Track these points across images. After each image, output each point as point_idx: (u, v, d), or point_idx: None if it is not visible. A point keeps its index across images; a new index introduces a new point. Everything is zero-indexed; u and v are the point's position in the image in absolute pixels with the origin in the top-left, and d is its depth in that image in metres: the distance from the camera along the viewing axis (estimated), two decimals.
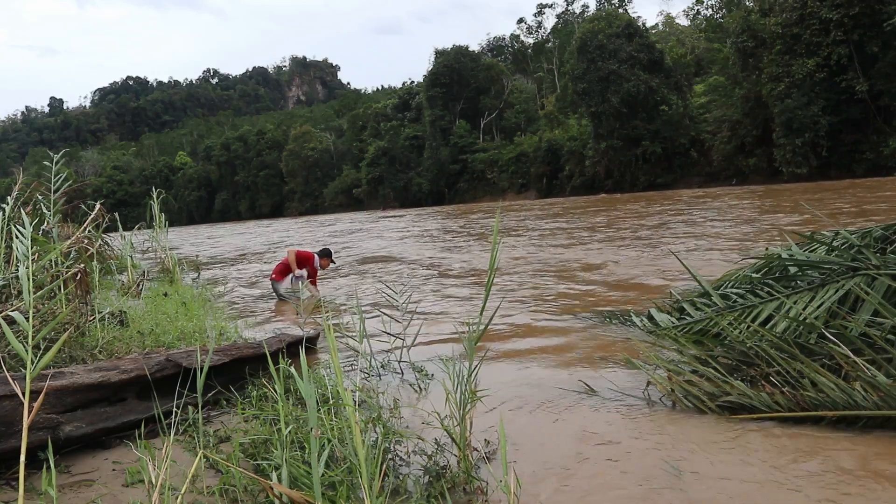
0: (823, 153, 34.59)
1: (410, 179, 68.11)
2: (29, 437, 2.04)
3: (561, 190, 52.61)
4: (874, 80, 33.33)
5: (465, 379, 2.60)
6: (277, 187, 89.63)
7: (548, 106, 62.08)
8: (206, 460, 2.67)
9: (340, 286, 9.27)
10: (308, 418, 2.07)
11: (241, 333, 5.37)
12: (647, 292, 6.56)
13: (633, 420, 3.10)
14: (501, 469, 2.16)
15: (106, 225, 7.53)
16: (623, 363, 3.92)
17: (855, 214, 13.61)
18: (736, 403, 3.01)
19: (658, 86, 46.11)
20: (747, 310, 3.77)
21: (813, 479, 2.37)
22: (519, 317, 5.93)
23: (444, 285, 8.61)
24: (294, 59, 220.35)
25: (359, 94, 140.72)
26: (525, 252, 11.78)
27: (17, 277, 3.98)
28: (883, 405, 2.65)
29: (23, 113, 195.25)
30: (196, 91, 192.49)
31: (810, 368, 2.92)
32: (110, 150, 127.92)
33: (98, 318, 4.62)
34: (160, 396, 3.10)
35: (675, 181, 44.78)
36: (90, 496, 2.42)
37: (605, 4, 65.98)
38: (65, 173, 6.04)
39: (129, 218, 13.73)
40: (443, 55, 67.37)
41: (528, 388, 3.75)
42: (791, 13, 35.18)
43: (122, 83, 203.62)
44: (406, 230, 23.40)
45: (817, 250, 4.10)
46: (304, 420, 2.76)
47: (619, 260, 9.57)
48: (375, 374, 4.17)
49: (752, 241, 10.46)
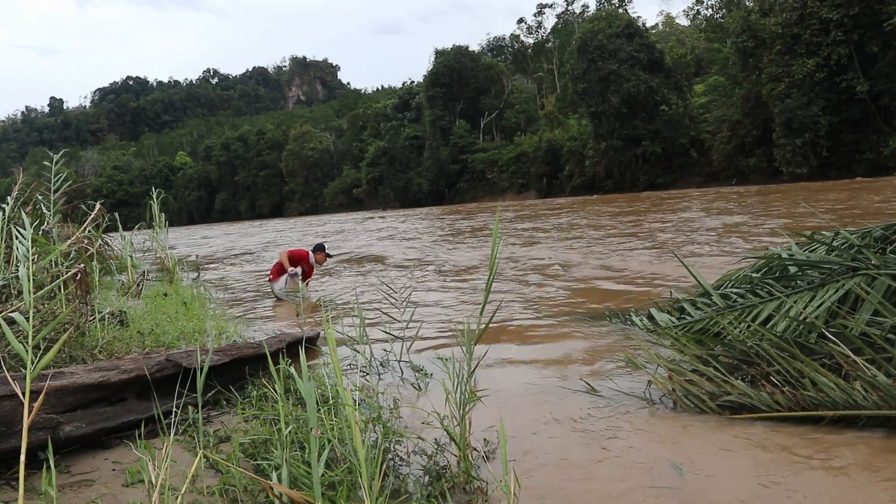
0: (823, 153, 34.59)
1: (410, 179, 68.08)
2: (29, 437, 2.04)
3: (561, 190, 52.60)
4: (874, 80, 33.32)
5: (465, 379, 2.60)
6: (277, 187, 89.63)
7: (548, 106, 62.06)
8: (206, 460, 2.66)
9: (340, 286, 9.26)
10: (308, 418, 2.06)
11: (240, 333, 5.37)
12: (646, 292, 6.56)
13: (633, 419, 3.10)
14: (501, 469, 2.16)
15: (106, 225, 7.52)
16: (623, 363, 3.92)
17: (855, 214, 13.61)
18: (736, 403, 3.01)
19: (658, 86, 46.09)
20: (747, 310, 3.77)
21: (813, 479, 2.37)
22: (518, 317, 5.93)
23: (432, 285, 8.61)
24: (294, 59, 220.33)
25: (359, 94, 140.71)
26: (524, 252, 11.78)
27: (17, 278, 3.98)
28: (883, 405, 2.65)
29: (23, 113, 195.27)
30: (196, 91, 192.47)
31: (810, 368, 2.92)
32: (110, 150, 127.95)
33: (98, 318, 4.62)
34: (160, 396, 3.10)
35: (675, 181, 44.77)
36: (90, 496, 2.42)
37: (605, 4, 65.96)
38: (65, 173, 6.04)
39: (129, 218, 13.74)
40: (443, 55, 67.34)
41: (528, 387, 3.75)
42: (791, 13, 35.18)
43: (122, 83, 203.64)
44: (392, 229, 23.40)
45: (817, 250, 4.10)
46: (304, 420, 2.76)
47: (618, 260, 9.57)
48: (375, 374, 4.17)
49: (752, 240, 10.46)
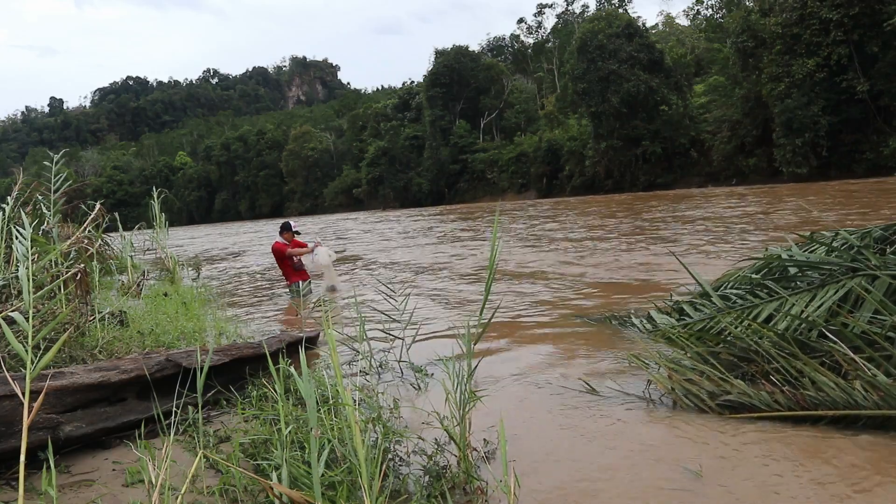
0: (823, 153, 34.55)
1: (410, 179, 68.04)
2: (29, 437, 2.04)
3: (561, 190, 52.57)
4: (874, 80, 33.29)
5: (465, 379, 2.60)
6: (277, 187, 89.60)
7: (548, 106, 62.02)
8: (206, 460, 2.66)
9: (340, 287, 9.25)
10: (308, 418, 2.06)
11: (240, 333, 5.37)
12: (646, 293, 6.56)
13: (633, 419, 3.10)
14: (501, 469, 2.16)
15: (106, 225, 7.52)
16: (623, 363, 3.92)
17: (854, 214, 13.60)
18: (736, 402, 3.02)
19: (658, 86, 46.05)
20: (747, 310, 3.76)
21: (813, 479, 2.37)
22: (518, 317, 5.93)
23: (432, 285, 8.61)
24: (294, 59, 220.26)
25: (359, 94, 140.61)
26: (523, 253, 11.78)
27: (17, 277, 3.97)
28: (883, 405, 2.65)
29: (23, 113, 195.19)
30: (196, 91, 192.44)
31: (810, 367, 2.92)
32: (110, 150, 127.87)
33: (98, 318, 4.62)
34: (160, 396, 3.10)
35: (675, 181, 44.74)
36: (90, 496, 2.42)
37: (605, 4, 65.88)
38: (65, 173, 6.03)
39: (129, 218, 13.76)
40: (443, 55, 67.29)
41: (528, 387, 3.75)
42: (791, 13, 35.14)
43: (122, 83, 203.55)
44: (392, 230, 23.40)
45: (817, 251, 4.10)
46: (304, 420, 2.76)
47: (618, 260, 9.57)
48: (375, 374, 4.17)
49: (752, 240, 10.46)
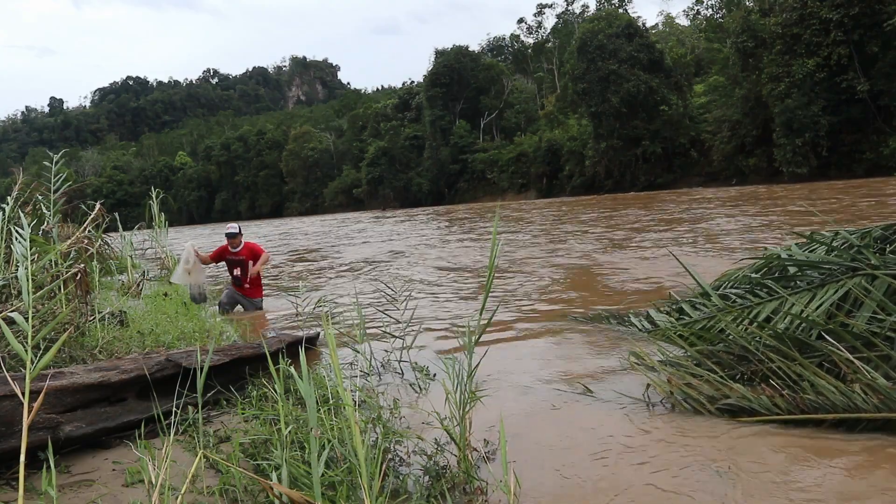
0: (823, 153, 34.55)
1: (410, 179, 68.03)
2: (29, 437, 2.04)
3: (561, 190, 52.56)
4: (874, 80, 33.29)
5: (465, 379, 2.60)
6: (277, 187, 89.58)
7: (548, 106, 62.01)
8: (206, 460, 2.67)
9: (340, 287, 9.26)
10: (308, 418, 2.07)
11: (240, 333, 5.37)
12: (645, 293, 6.56)
13: (632, 422, 3.10)
14: (501, 469, 2.16)
15: (106, 225, 7.51)
16: (623, 363, 3.92)
17: (854, 214, 13.60)
18: (735, 406, 3.01)
19: (658, 86, 46.05)
20: (746, 310, 3.76)
21: (813, 481, 2.37)
22: (518, 318, 5.93)
23: (432, 285, 8.61)
24: (294, 59, 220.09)
25: (359, 94, 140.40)
26: (524, 253, 11.78)
27: (16, 277, 3.97)
28: (883, 408, 2.65)
29: (23, 113, 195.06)
30: (196, 91, 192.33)
31: (809, 371, 2.91)
32: (110, 150, 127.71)
33: (98, 318, 4.62)
34: (160, 396, 3.10)
35: (676, 181, 44.74)
36: (90, 496, 2.42)
37: (605, 4, 65.85)
38: (65, 173, 6.03)
39: (129, 218, 13.74)
40: (443, 55, 67.28)
41: (528, 388, 3.75)
42: (791, 13, 35.15)
43: (122, 83, 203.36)
44: (392, 229, 23.38)
45: (817, 250, 4.09)
46: (304, 420, 2.76)
47: (618, 261, 9.57)
48: (375, 374, 4.17)
49: (752, 240, 10.45)
